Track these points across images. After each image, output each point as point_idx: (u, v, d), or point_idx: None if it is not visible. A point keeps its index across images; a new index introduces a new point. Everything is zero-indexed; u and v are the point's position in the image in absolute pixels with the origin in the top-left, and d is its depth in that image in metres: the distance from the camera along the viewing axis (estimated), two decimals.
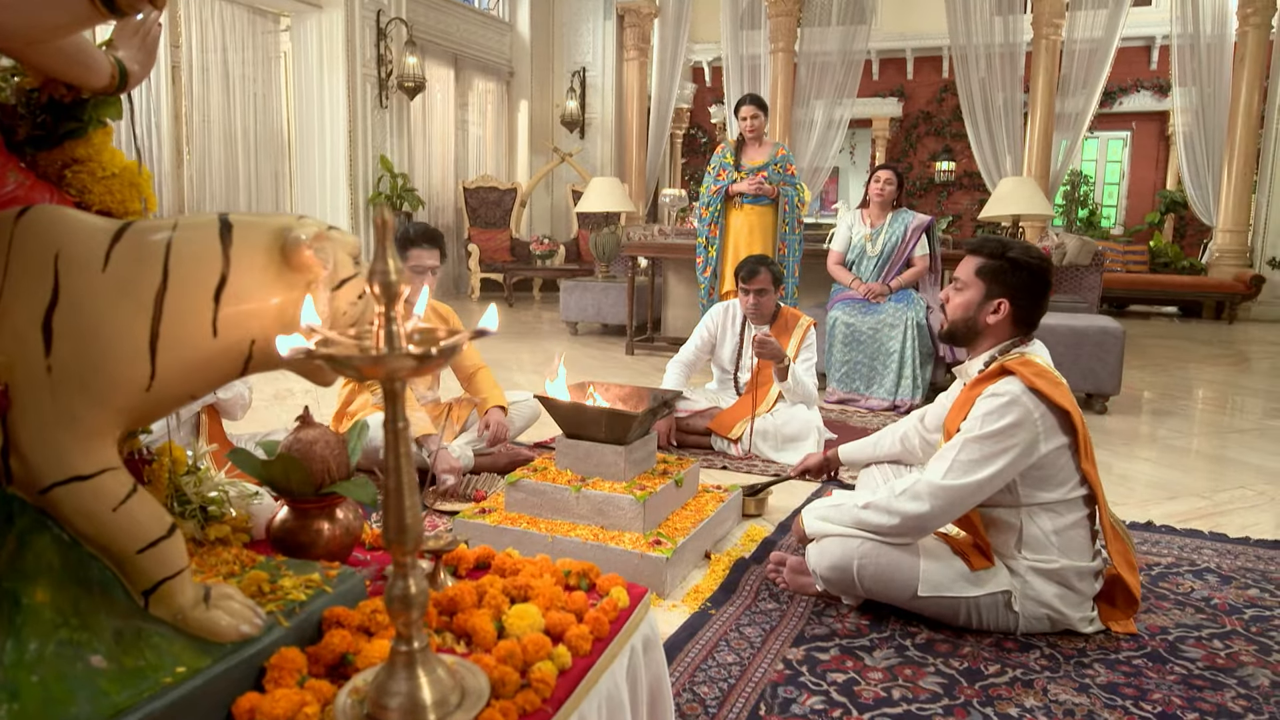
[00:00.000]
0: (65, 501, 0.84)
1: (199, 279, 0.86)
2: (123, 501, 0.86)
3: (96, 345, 0.83)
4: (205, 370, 0.87)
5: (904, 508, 2.02)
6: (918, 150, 13.48)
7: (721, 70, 11.08)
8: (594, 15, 10.92)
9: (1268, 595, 2.35)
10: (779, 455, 3.55)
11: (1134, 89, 12.15)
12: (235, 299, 0.87)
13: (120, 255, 0.85)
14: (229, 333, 0.87)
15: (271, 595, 0.98)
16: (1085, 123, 9.23)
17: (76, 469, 0.84)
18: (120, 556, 0.87)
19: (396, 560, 0.79)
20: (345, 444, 1.21)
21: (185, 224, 0.89)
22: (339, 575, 1.05)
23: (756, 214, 5.03)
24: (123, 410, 0.85)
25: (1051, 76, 8.92)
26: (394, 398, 0.76)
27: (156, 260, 0.86)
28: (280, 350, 0.71)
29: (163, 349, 0.85)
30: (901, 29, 12.59)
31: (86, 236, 0.86)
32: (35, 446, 0.83)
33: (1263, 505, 3.14)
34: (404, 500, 0.77)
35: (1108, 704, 1.80)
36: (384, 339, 0.74)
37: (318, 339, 0.74)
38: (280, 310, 0.88)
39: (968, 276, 2.19)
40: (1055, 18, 8.94)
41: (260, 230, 0.89)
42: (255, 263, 0.87)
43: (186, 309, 0.85)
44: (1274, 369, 6.35)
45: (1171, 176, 12.42)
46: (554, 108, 11.12)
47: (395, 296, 0.73)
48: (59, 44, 0.89)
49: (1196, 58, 9.01)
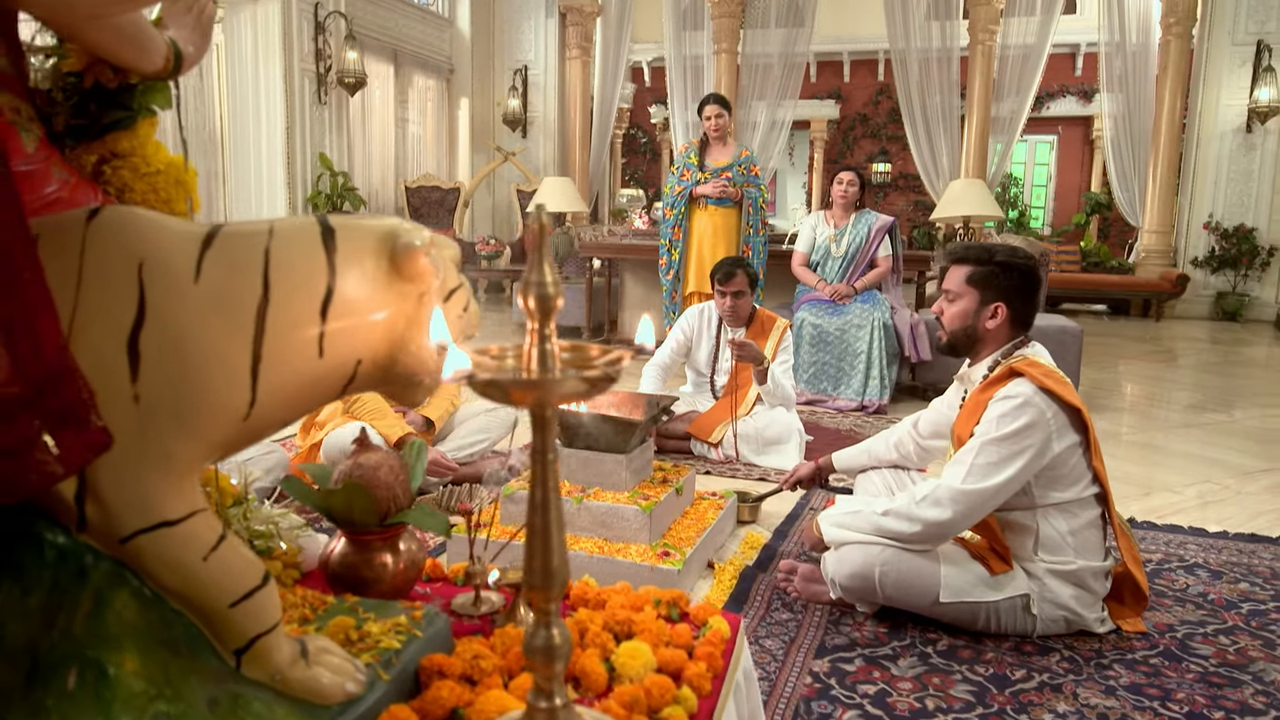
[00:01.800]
0: (150, 551, 0.72)
1: (304, 291, 0.75)
2: (213, 549, 0.74)
3: (191, 369, 0.72)
4: (306, 395, 0.77)
5: (925, 514, 2.00)
6: (854, 152, 13.70)
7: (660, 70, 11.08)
8: (536, 13, 10.77)
9: (1258, 589, 2.41)
10: (760, 459, 3.51)
11: (1060, 94, 12.57)
12: (343, 313, 0.76)
13: (213, 264, 0.74)
14: (336, 351, 0.76)
15: (361, 643, 0.88)
16: (1019, 126, 9.50)
17: (164, 513, 0.72)
18: (211, 612, 0.76)
19: (539, 607, 0.70)
20: (407, 468, 1.11)
21: (282, 228, 0.77)
22: (425, 616, 0.95)
23: (721, 215, 4.99)
24: (215, 444, 0.74)
25: (988, 81, 9.16)
26: (545, 425, 0.67)
27: (255, 270, 0.74)
28: (444, 374, 0.62)
29: (264, 372, 0.74)
30: (838, 32, 12.76)
31: (173, 243, 0.74)
32: (118, 488, 0.71)
33: (1229, 499, 3.23)
34: (551, 540, 0.68)
35: (1136, 705, 1.80)
36: (535, 359, 0.66)
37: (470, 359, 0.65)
38: (390, 325, 0.78)
39: (958, 286, 2.18)
40: (990, 24, 9.19)
41: (365, 235, 0.78)
42: (363, 272, 0.77)
43: (291, 325, 0.74)
44: (1203, 364, 6.61)
45: (1096, 179, 12.90)
46: (495, 106, 10.94)
47: (551, 311, 0.65)
48: (117, 21, 0.78)
49: (1123, 65, 9.34)
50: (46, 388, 0.60)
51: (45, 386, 0.60)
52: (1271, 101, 8.58)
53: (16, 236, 0.59)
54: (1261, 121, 8.70)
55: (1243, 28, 8.80)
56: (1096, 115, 12.55)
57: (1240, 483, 3.42)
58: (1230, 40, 8.85)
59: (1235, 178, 8.98)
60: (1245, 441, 4.12)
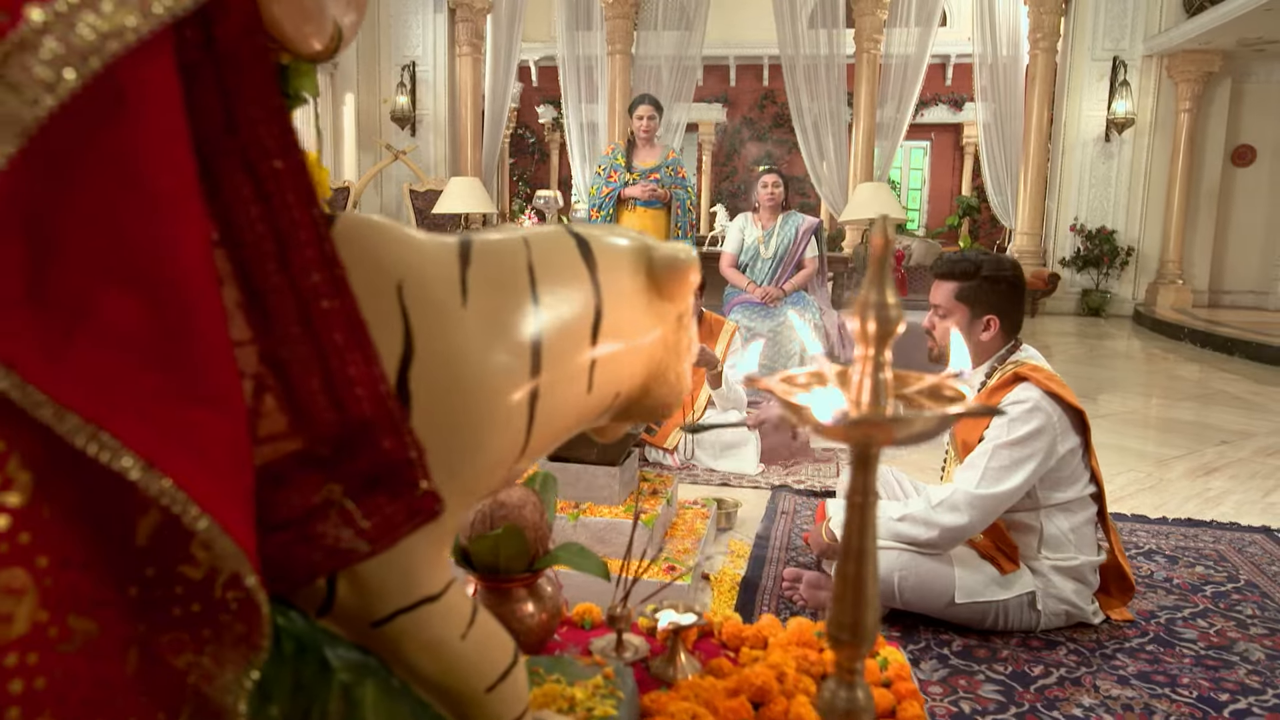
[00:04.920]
0: (409, 633, 0.59)
1: (575, 313, 0.64)
2: (470, 624, 0.62)
3: (469, 410, 0.59)
4: (559, 437, 0.66)
5: (943, 520, 2.02)
6: (741, 155, 13.97)
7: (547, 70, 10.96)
8: (424, 8, 10.44)
9: (1213, 571, 2.56)
10: (718, 463, 3.49)
11: (933, 102, 13.21)
12: (611, 338, 0.65)
13: (478, 283, 0.61)
14: (604, 382, 0.65)
15: (572, 712, 0.77)
16: (902, 131, 9.92)
17: (427, 587, 0.59)
18: (468, 699, 0.63)
19: (844, 665, 0.63)
20: (544, 505, 1.00)
21: (536, 240, 0.65)
22: (616, 674, 0.84)
23: (650, 217, 4.96)
24: (477, 499, 0.62)
25: (873, 88, 9.53)
26: (869, 465, 0.60)
27: (523, 288, 0.63)
28: (821, 416, 0.53)
29: (540, 410, 0.62)
30: (725, 37, 12.97)
31: (430, 258, 0.62)
32: (380, 561, 0.57)
33: (1156, 485, 3.45)
34: (866, 592, 0.61)
35: (1152, 694, 1.87)
36: (868, 390, 0.58)
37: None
38: (651, 351, 0.67)
39: (948, 302, 2.21)
40: (875, 33, 9.58)
41: (620, 249, 0.67)
42: (623, 290, 0.66)
43: (565, 353, 0.63)
44: (1088, 356, 7.08)
45: (966, 183, 13.64)
46: (382, 103, 10.53)
47: (889, 337, 0.58)
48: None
49: (995, 77, 9.90)
50: (352, 442, 0.48)
51: (350, 441, 0.48)
52: (1127, 113, 9.29)
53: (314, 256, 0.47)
54: (1119, 131, 9.41)
55: (1100, 44, 9.50)
56: (966, 123, 13.30)
57: (1160, 470, 3.65)
58: (1090, 56, 9.53)
59: (1096, 183, 9.68)
60: (1150, 430, 4.42)
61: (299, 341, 0.47)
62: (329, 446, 0.48)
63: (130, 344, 0.43)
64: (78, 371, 0.41)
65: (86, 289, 0.42)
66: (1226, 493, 3.34)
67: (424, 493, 0.53)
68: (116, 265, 0.43)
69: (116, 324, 0.42)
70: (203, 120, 0.49)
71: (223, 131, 0.50)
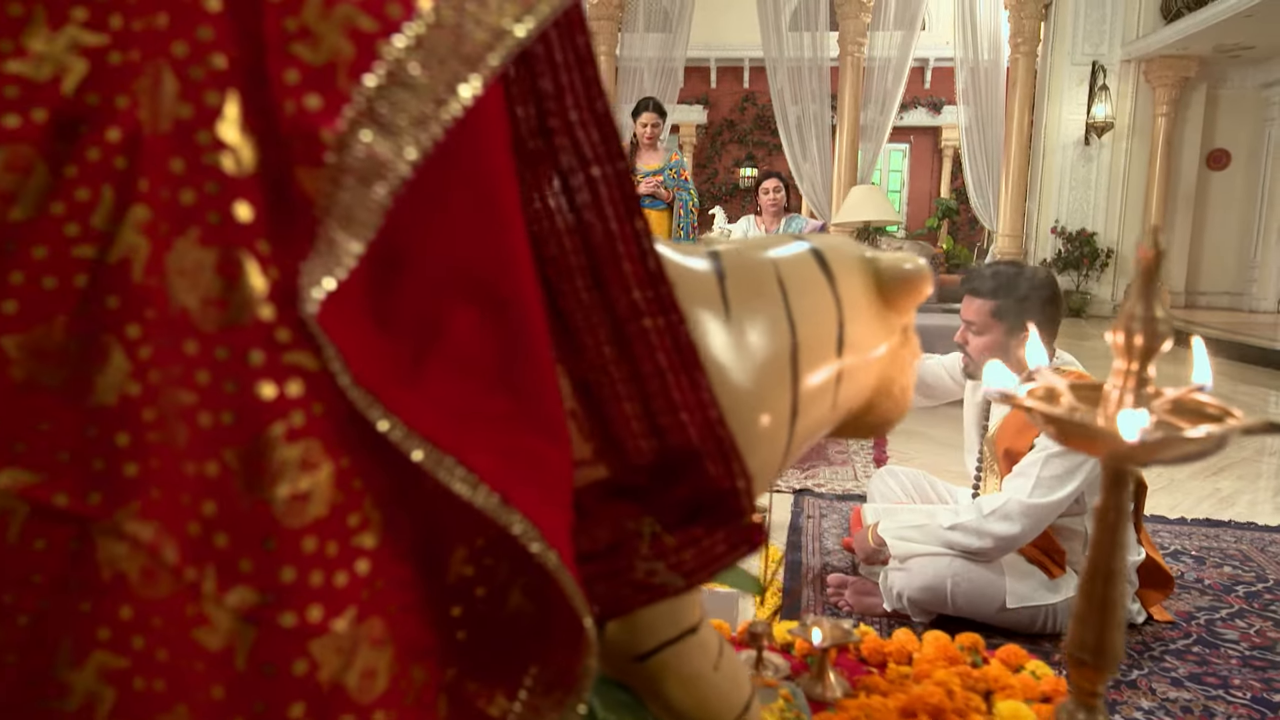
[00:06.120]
0: (671, 666, 0.56)
1: (823, 329, 0.63)
2: (720, 654, 0.60)
3: (746, 430, 0.57)
4: (797, 454, 0.64)
5: (995, 529, 2.02)
6: (722, 157, 14.01)
7: None
8: None
9: (1240, 570, 2.60)
10: None
11: (912, 105, 13.34)
12: (852, 352, 0.64)
13: (738, 298, 0.60)
14: (845, 398, 0.64)
15: None
16: (885, 134, 10.01)
17: (688, 619, 0.57)
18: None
19: (1085, 689, 0.61)
20: None
21: (778, 253, 0.64)
22: (792, 692, 0.83)
23: (652, 217, 4.95)
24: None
25: (857, 90, 9.60)
26: (1121, 484, 0.59)
27: (778, 304, 0.61)
28: (1127, 435, 0.52)
29: (798, 427, 0.60)
30: (706, 39, 12.99)
31: (690, 273, 0.59)
32: None
33: (1168, 485, 3.49)
34: (1114, 614, 0.60)
35: (1208, 696, 1.88)
36: (1128, 405, 0.57)
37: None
38: (882, 366, 0.66)
39: (983, 320, 2.19)
40: (859, 36, 9.65)
41: (850, 260, 0.66)
42: (859, 303, 0.64)
43: (816, 369, 0.61)
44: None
45: (945, 185, 13.79)
46: None
47: (1154, 352, 0.57)
48: None
49: (976, 80, 10.01)
50: (672, 470, 0.45)
51: (670, 469, 0.45)
52: (1106, 117, 9.46)
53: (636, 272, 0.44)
54: (1098, 135, 9.57)
55: (1080, 49, 9.66)
56: (945, 126, 13.45)
57: (1170, 470, 3.70)
58: (1070, 61, 9.69)
59: (1076, 186, 9.83)
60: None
61: (612, 363, 0.44)
62: (643, 475, 0.45)
63: (478, 367, 0.40)
64: (432, 398, 0.38)
65: (437, 309, 0.39)
66: (1238, 493, 3.39)
67: (749, 527, 0.51)
68: (466, 283, 0.40)
69: (466, 345, 0.39)
70: (512, 125, 0.47)
71: (533, 136, 0.48)
